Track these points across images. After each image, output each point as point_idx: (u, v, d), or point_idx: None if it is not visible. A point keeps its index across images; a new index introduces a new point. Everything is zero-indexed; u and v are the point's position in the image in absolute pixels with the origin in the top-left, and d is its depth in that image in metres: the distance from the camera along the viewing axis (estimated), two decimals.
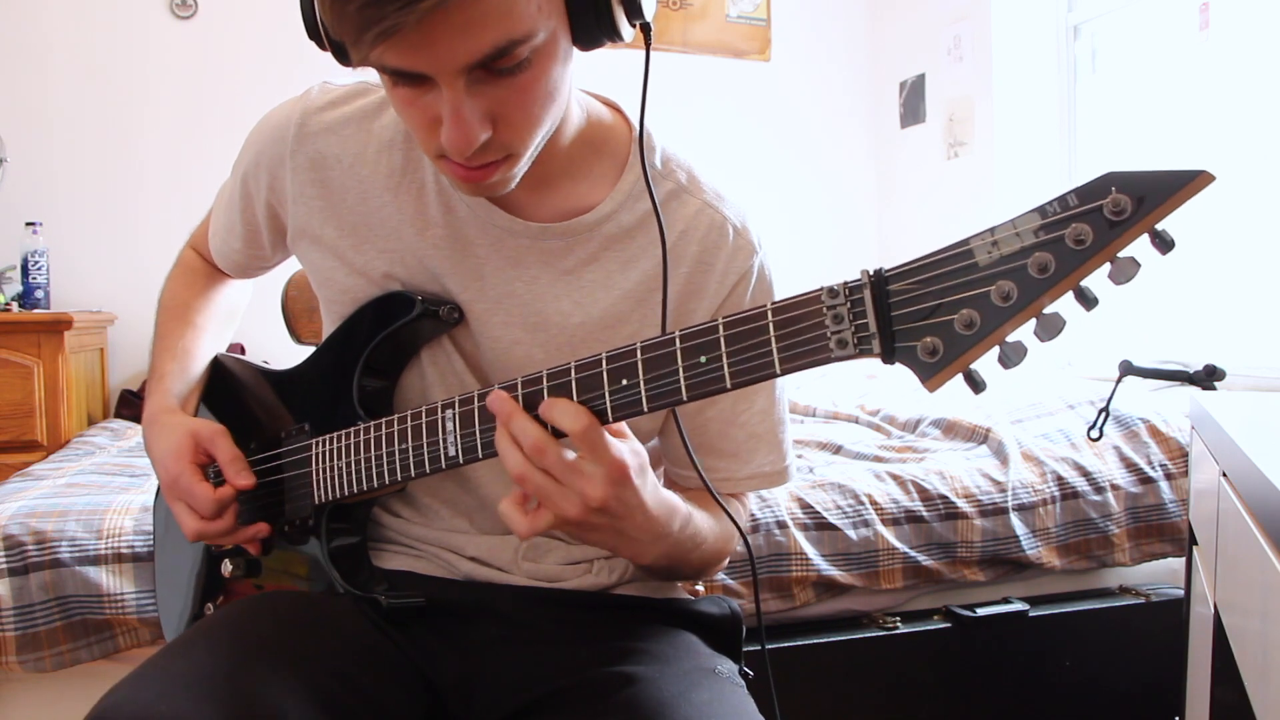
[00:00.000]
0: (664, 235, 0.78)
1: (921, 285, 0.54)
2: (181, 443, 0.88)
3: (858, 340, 0.56)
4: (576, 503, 0.67)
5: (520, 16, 0.63)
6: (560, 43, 0.68)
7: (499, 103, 0.67)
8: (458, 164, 0.70)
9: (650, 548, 0.75)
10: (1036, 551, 1.65)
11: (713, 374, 0.62)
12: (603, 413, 0.67)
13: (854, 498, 1.58)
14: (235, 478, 0.86)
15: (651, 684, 0.76)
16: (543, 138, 0.73)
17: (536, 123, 0.71)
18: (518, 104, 0.68)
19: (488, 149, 0.69)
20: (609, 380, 0.66)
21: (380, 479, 0.81)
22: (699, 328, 0.63)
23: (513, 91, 0.67)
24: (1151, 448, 1.80)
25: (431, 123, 0.68)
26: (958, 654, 1.57)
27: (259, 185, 0.89)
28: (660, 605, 0.91)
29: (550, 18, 0.66)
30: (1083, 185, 0.50)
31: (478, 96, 0.66)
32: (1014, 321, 0.51)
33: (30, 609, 1.26)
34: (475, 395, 0.73)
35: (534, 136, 0.72)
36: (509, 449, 0.68)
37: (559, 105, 0.72)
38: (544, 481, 0.67)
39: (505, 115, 0.68)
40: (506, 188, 0.75)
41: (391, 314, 0.84)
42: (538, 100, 0.69)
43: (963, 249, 0.53)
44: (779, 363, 0.59)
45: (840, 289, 0.57)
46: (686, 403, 0.64)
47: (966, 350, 0.52)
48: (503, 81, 0.66)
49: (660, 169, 0.85)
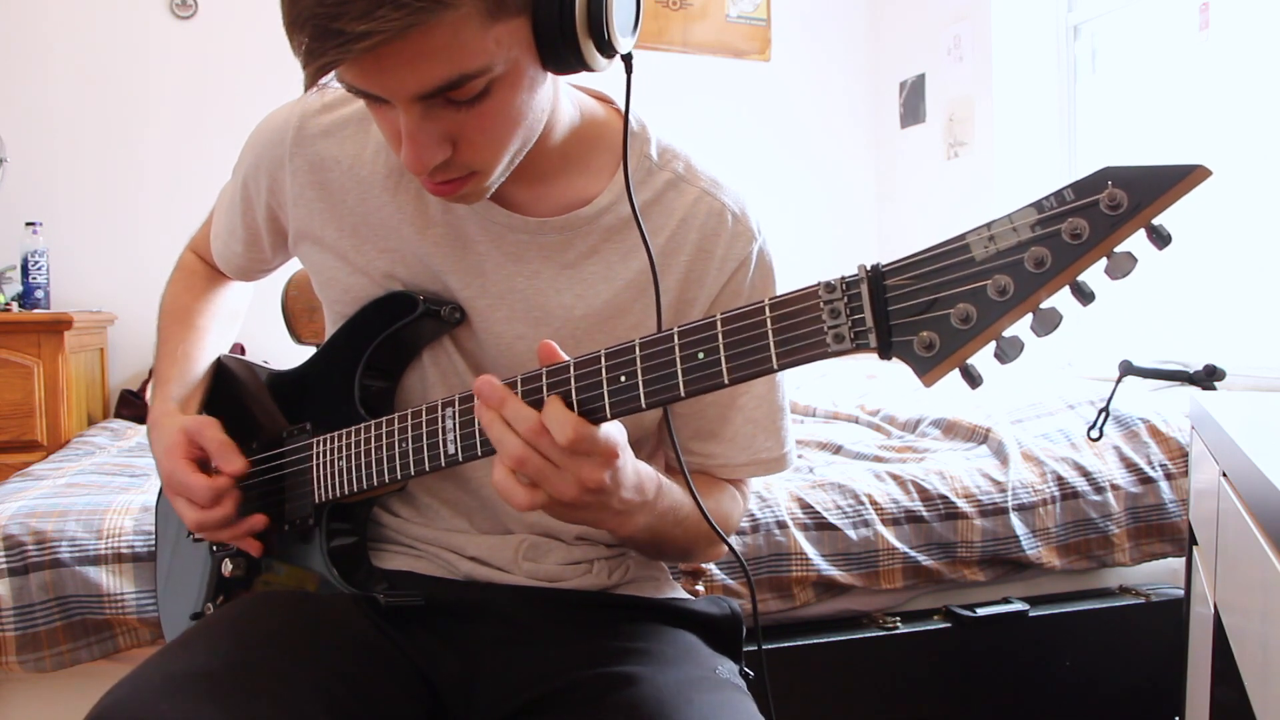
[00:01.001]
0: (647, 242, 0.78)
1: (918, 280, 0.54)
2: (174, 439, 0.88)
3: (854, 335, 0.56)
4: (573, 484, 0.67)
5: (472, 52, 0.63)
6: (526, 72, 0.68)
7: (458, 126, 0.68)
8: (423, 176, 0.71)
9: (632, 519, 0.75)
10: (1036, 551, 1.65)
11: (710, 369, 0.62)
12: (601, 410, 0.67)
13: (854, 498, 1.58)
14: (225, 464, 0.86)
15: (651, 684, 0.76)
16: (514, 155, 0.74)
17: (500, 145, 0.71)
18: (478, 129, 0.69)
19: (449, 167, 0.70)
20: (607, 377, 0.66)
21: (380, 478, 0.81)
22: (696, 324, 0.63)
23: (471, 117, 0.68)
24: (1151, 448, 1.80)
25: (395, 134, 0.69)
26: (958, 654, 1.57)
27: (259, 188, 0.89)
28: (660, 605, 0.91)
29: (512, 49, 0.66)
30: (1079, 180, 0.50)
31: (435, 121, 0.67)
32: (1010, 316, 0.51)
33: (30, 609, 1.26)
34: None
35: (499, 157, 0.72)
36: (504, 432, 0.68)
37: (529, 125, 0.73)
38: (542, 464, 0.67)
39: (466, 138, 0.69)
40: (479, 198, 0.76)
41: (393, 314, 0.85)
42: (499, 126, 0.70)
43: (959, 244, 0.53)
44: (776, 358, 0.59)
45: (837, 284, 0.57)
46: (685, 399, 0.64)
47: (963, 345, 0.52)
48: (461, 108, 0.67)
49: (657, 160, 0.85)
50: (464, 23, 0.62)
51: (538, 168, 0.80)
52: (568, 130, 0.81)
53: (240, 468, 0.86)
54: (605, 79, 0.85)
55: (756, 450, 0.89)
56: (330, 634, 0.79)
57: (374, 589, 0.84)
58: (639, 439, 0.87)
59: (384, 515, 0.91)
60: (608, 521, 0.74)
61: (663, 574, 0.96)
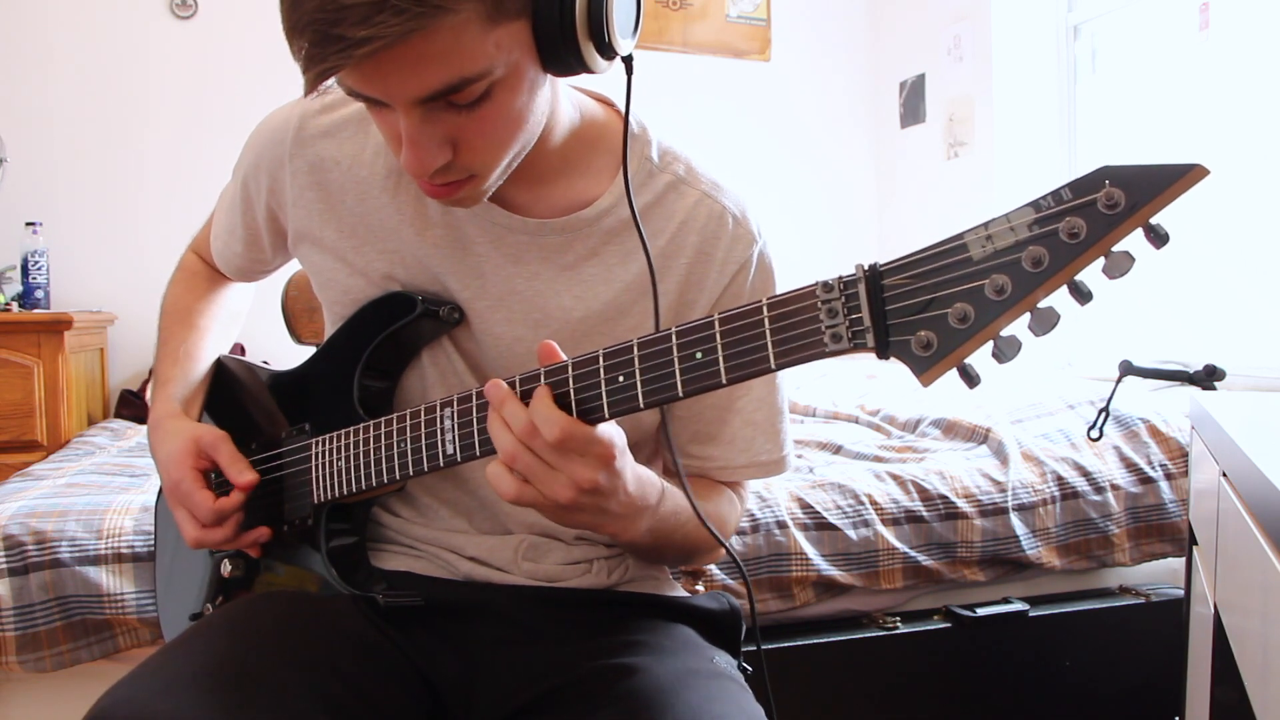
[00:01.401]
0: (646, 244, 0.78)
1: (916, 279, 0.54)
2: (184, 448, 0.88)
3: (852, 334, 0.56)
4: (567, 484, 0.67)
5: (472, 55, 0.63)
6: (526, 74, 0.68)
7: (458, 129, 0.68)
8: (423, 179, 0.71)
9: (633, 524, 0.75)
10: (1036, 551, 1.65)
11: (708, 369, 0.62)
12: (599, 410, 0.67)
13: (854, 498, 1.58)
14: (237, 477, 0.86)
15: (649, 674, 0.76)
16: (513, 157, 0.74)
17: (501, 147, 0.71)
18: (478, 131, 0.69)
19: (449, 170, 0.70)
20: (605, 377, 0.66)
21: (379, 478, 0.81)
22: (694, 324, 0.63)
23: (472, 120, 0.68)
24: (1151, 448, 1.80)
25: (396, 137, 0.69)
26: (958, 654, 1.57)
27: (259, 189, 0.89)
28: (659, 601, 0.91)
29: (512, 52, 0.66)
30: (1077, 179, 0.50)
31: (435, 124, 0.67)
32: (1008, 315, 0.51)
33: (30, 609, 1.26)
34: (474, 394, 0.73)
35: (499, 160, 0.72)
36: (500, 430, 0.68)
37: (530, 127, 0.73)
38: (533, 462, 0.67)
39: (466, 141, 0.69)
40: (476, 202, 0.76)
41: (392, 314, 0.85)
42: (500, 128, 0.70)
43: (957, 243, 0.53)
44: (774, 357, 0.59)
45: (835, 283, 0.57)
46: (683, 398, 0.64)
47: (960, 344, 0.52)
48: (462, 111, 0.67)
49: (658, 163, 0.85)
50: (464, 27, 0.62)
51: (538, 169, 0.80)
52: (568, 132, 0.81)
53: (252, 481, 0.86)
54: (605, 80, 0.85)
55: (755, 453, 0.89)
56: (330, 634, 0.79)
57: (373, 589, 0.84)
58: (638, 441, 0.87)
59: (383, 515, 0.91)
60: (608, 526, 0.74)
61: (663, 574, 0.96)
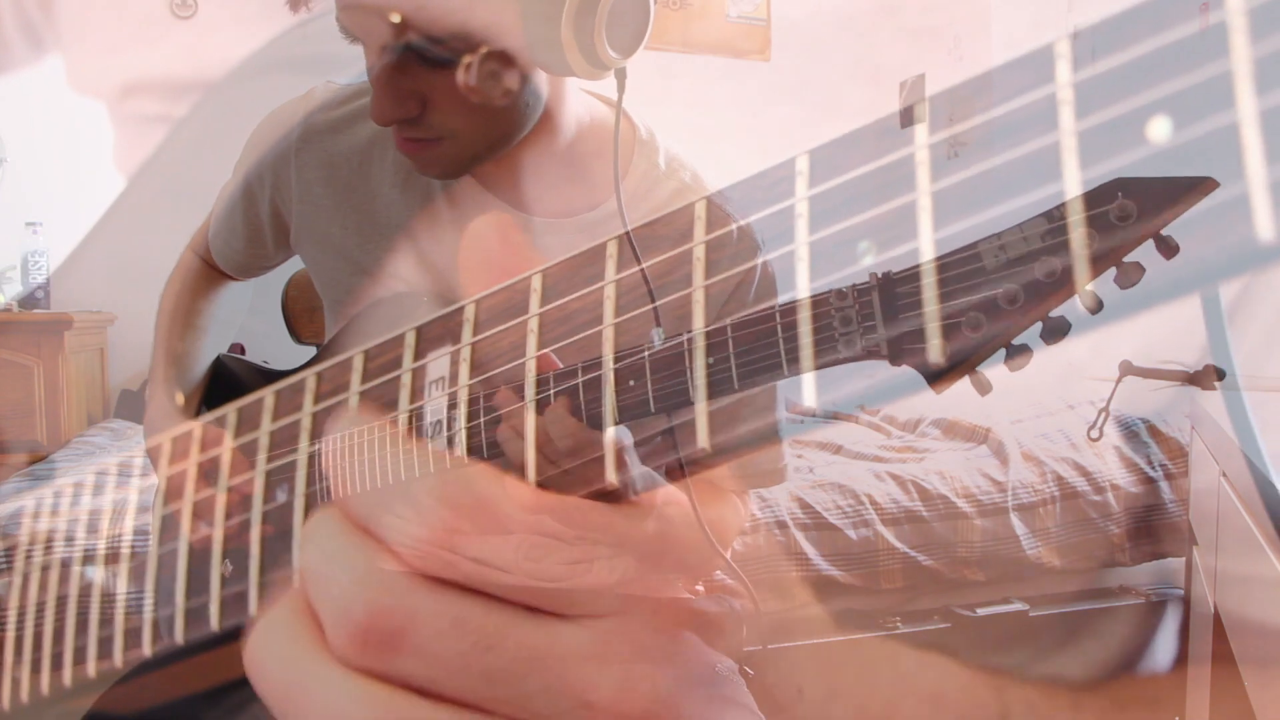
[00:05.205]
0: (637, 253, 0.78)
1: (928, 288, 0.54)
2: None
3: (865, 342, 0.56)
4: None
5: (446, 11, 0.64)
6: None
7: (429, 86, 0.68)
8: (396, 132, 0.71)
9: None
10: (1036, 551, 1.65)
11: (720, 376, 0.62)
12: (609, 415, 0.67)
13: (854, 498, 1.59)
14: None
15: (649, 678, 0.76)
16: (494, 138, 0.74)
17: (473, 116, 0.71)
18: (447, 93, 0.69)
19: (418, 126, 0.70)
20: (616, 383, 0.66)
21: None
22: (708, 330, 0.63)
23: (442, 78, 0.68)
24: (1151, 448, 1.80)
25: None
26: (958, 654, 1.58)
27: (262, 185, 0.89)
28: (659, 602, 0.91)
29: (492, 30, 0.66)
30: (1090, 190, 0.50)
31: (406, 74, 0.68)
32: (1021, 324, 0.51)
33: (30, 609, 1.26)
34: (480, 396, 0.73)
35: (472, 130, 0.72)
36: (510, 439, 0.68)
37: (519, 117, 0.73)
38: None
39: (434, 101, 0.69)
40: (446, 170, 0.76)
41: (396, 314, 0.84)
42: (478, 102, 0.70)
43: (970, 252, 0.53)
44: (786, 364, 0.59)
45: (849, 291, 0.57)
46: (693, 404, 0.64)
47: (973, 353, 0.52)
48: (435, 70, 0.67)
49: (665, 169, 0.85)
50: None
51: (546, 169, 0.80)
52: (576, 134, 0.81)
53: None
54: (604, 81, 0.85)
55: (756, 463, 0.89)
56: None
57: None
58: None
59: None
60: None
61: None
